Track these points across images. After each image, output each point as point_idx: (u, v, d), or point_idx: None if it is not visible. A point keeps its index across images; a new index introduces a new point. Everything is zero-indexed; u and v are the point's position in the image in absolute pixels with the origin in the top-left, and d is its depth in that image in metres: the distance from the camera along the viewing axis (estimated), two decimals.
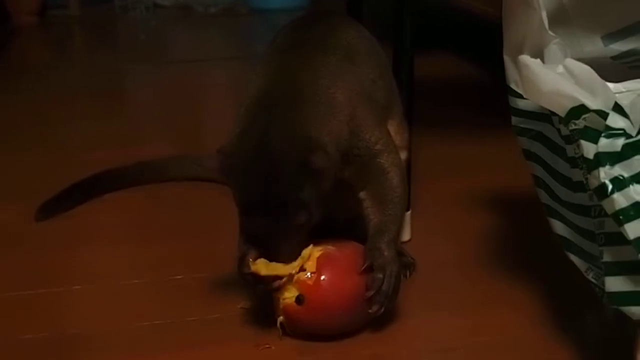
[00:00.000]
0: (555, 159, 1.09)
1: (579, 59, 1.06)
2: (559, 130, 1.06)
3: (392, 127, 1.19)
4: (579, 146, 0.94)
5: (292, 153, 1.00)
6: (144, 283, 1.22)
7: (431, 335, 1.09)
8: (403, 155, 1.21)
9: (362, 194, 1.12)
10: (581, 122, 0.93)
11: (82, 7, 3.09)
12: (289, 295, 1.05)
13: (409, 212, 1.29)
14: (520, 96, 1.11)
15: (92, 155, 1.68)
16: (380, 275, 1.05)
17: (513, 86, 1.14)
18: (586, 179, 0.92)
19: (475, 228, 1.37)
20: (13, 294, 1.19)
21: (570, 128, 0.95)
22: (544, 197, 1.10)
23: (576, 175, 1.01)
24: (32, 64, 2.59)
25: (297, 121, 1.02)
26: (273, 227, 1.02)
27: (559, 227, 1.05)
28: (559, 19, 1.11)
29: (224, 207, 1.13)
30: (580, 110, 0.93)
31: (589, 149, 0.90)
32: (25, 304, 1.17)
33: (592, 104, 0.92)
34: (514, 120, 1.17)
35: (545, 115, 1.10)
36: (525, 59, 1.00)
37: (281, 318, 1.06)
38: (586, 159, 0.90)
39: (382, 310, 1.05)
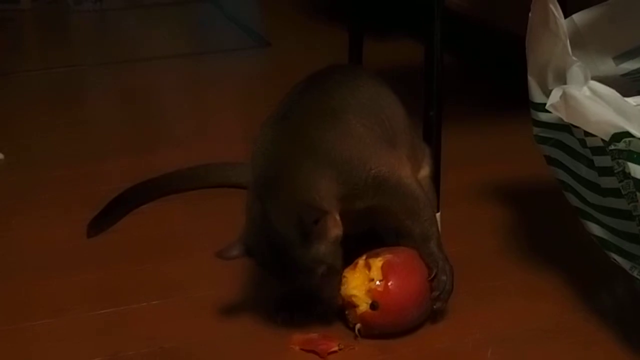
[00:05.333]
0: (577, 165, 1.27)
1: (593, 78, 1.24)
2: (582, 140, 1.23)
3: (403, 155, 1.31)
4: (620, 164, 1.11)
5: (286, 222, 1.15)
6: (217, 294, 1.33)
7: (483, 327, 1.25)
8: (425, 171, 1.38)
9: (393, 212, 1.27)
10: (622, 144, 1.10)
11: (33, 0, 3.09)
12: (363, 304, 1.20)
13: (438, 214, 1.45)
14: (543, 110, 1.28)
15: (56, 172, 1.78)
16: (444, 278, 1.22)
17: (537, 101, 1.31)
18: (632, 192, 1.09)
19: (486, 220, 1.54)
20: (105, 310, 1.30)
21: (611, 148, 1.12)
22: (574, 201, 1.27)
23: (605, 182, 1.19)
24: None
25: (284, 190, 1.17)
26: (304, 288, 1.18)
27: (594, 229, 1.22)
28: (575, 44, 1.28)
29: None
30: (622, 135, 1.10)
31: (636, 170, 1.07)
32: (116, 320, 1.28)
33: (637, 131, 1.08)
34: (535, 130, 1.34)
35: (564, 126, 1.27)
36: (571, 90, 1.16)
37: (358, 325, 1.21)
38: (634, 179, 1.08)
39: (444, 305, 1.23)
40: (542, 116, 1.31)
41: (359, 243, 1.27)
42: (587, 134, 1.20)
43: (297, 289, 1.20)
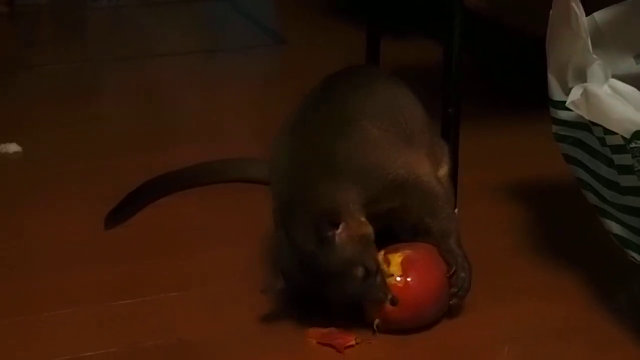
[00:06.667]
0: (596, 164, 1.27)
1: (614, 76, 1.24)
2: (601, 139, 1.23)
3: (422, 154, 1.31)
4: None
5: (304, 236, 1.15)
6: (234, 287, 1.34)
7: (499, 324, 1.26)
8: (444, 170, 1.38)
9: (413, 210, 1.27)
10: None
11: None
12: None
13: (455, 210, 1.45)
14: (563, 108, 1.28)
15: (70, 166, 1.78)
16: (463, 275, 1.22)
17: (557, 99, 1.31)
18: None
19: (503, 218, 1.54)
20: (122, 302, 1.31)
21: (631, 146, 1.12)
22: (593, 199, 1.27)
23: (625, 181, 1.19)
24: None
25: (302, 210, 1.17)
26: (346, 294, 1.18)
27: (613, 227, 1.22)
28: (596, 42, 1.27)
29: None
30: None
31: None
32: (134, 312, 1.29)
33: None
34: (554, 128, 1.34)
35: (584, 125, 1.27)
36: (592, 88, 1.16)
37: (377, 320, 1.21)
38: None
39: (461, 302, 1.24)
40: (562, 114, 1.31)
41: (375, 239, 1.27)
42: (607, 132, 1.20)
43: (343, 302, 1.19)
